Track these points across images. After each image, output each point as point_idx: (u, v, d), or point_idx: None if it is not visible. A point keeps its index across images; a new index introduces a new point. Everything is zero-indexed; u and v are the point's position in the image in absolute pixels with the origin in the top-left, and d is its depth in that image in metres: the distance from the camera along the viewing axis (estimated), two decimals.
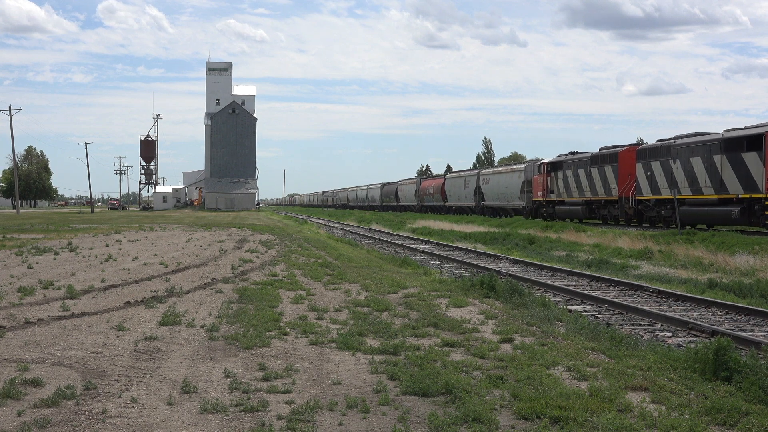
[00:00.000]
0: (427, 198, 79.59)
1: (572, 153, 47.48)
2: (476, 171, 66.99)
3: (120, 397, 7.50)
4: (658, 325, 13.14)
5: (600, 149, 44.17)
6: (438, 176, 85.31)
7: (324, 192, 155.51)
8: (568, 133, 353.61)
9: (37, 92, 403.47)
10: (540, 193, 50.47)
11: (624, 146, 41.69)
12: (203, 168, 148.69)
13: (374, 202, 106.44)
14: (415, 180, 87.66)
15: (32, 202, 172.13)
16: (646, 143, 38.55)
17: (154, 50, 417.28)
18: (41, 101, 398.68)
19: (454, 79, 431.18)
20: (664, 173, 35.55)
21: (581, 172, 44.58)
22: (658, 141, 37.10)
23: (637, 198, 38.27)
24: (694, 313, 14.43)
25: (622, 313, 14.37)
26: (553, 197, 48.53)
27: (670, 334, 12.42)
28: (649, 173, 36.66)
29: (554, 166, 48.49)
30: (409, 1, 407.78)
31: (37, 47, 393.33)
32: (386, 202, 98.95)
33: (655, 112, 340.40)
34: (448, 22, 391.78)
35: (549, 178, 48.91)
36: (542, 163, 50.74)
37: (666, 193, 35.05)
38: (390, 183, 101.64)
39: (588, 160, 43.86)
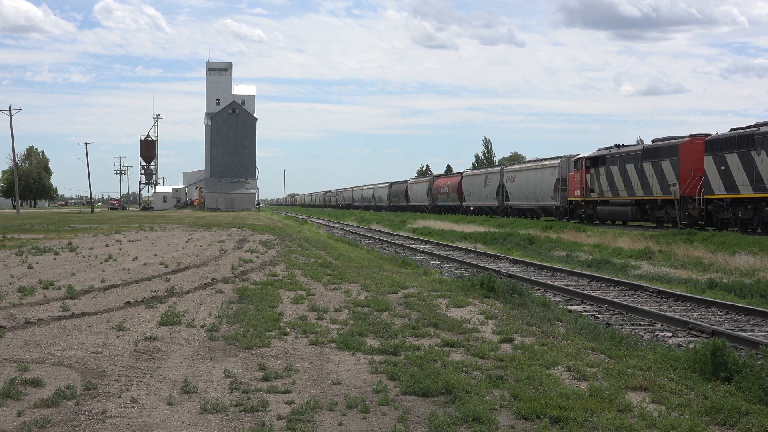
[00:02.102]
0: (441, 198, 73.85)
1: (617, 146, 41.92)
2: (499, 167, 60.90)
3: (120, 397, 7.50)
4: (658, 325, 13.14)
5: (653, 141, 38.44)
6: (454, 174, 79.08)
7: (327, 192, 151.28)
8: (568, 133, 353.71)
9: (35, 92, 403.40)
10: (577, 192, 44.64)
11: (686, 137, 35.65)
12: (203, 168, 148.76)
13: (381, 202, 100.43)
14: (428, 178, 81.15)
15: (32, 202, 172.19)
16: (716, 132, 33.12)
17: (152, 50, 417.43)
18: (40, 101, 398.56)
19: (452, 79, 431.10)
20: (743, 167, 30.04)
21: (630, 167, 38.76)
22: (732, 130, 31.99)
23: (706, 197, 32.65)
24: (694, 313, 14.43)
25: (622, 313, 14.37)
26: (593, 196, 42.79)
27: (670, 334, 12.43)
28: (723, 167, 31.23)
29: (595, 162, 42.64)
30: (406, 1, 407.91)
31: (35, 47, 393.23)
32: (395, 202, 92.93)
33: (654, 112, 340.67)
34: (446, 22, 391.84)
35: (589, 175, 43.13)
36: (580, 157, 44.71)
37: (746, 191, 29.92)
38: (399, 182, 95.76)
39: (639, 153, 38.30)
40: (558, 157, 49.61)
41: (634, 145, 40.45)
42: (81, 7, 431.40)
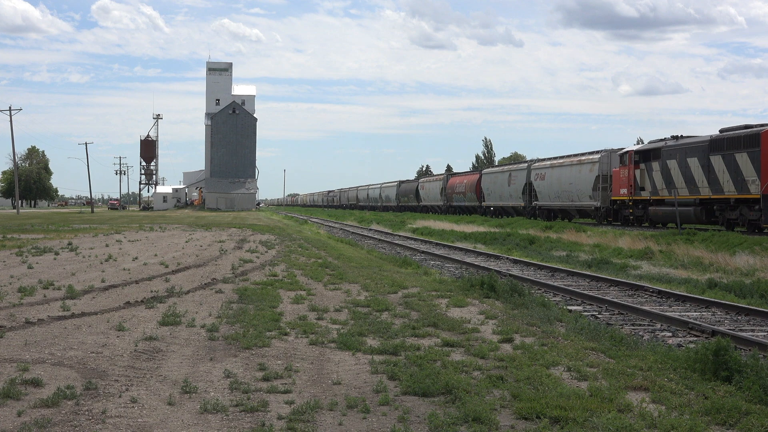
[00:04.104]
0: (456, 197, 68.69)
1: (675, 137, 36.26)
2: (526, 163, 55.45)
3: (120, 397, 7.50)
4: (659, 325, 13.14)
5: (722, 131, 33.05)
6: (472, 171, 75.04)
7: (330, 191, 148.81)
8: (566, 133, 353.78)
9: (34, 92, 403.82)
10: (624, 191, 39.29)
11: (766, 125, 30.42)
12: (203, 168, 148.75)
13: (389, 202, 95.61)
14: (441, 177, 75.73)
15: (32, 202, 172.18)
16: None
17: (150, 50, 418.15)
18: (39, 101, 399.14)
19: (451, 79, 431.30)
20: None
21: (693, 161, 33.53)
22: None
23: None
24: (695, 313, 14.43)
25: (623, 313, 14.37)
26: (644, 195, 37.48)
27: (670, 334, 12.43)
28: None
29: (646, 155, 37.48)
30: (404, 1, 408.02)
31: (34, 47, 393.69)
32: (404, 202, 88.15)
33: (653, 111, 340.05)
34: (444, 22, 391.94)
35: (638, 171, 37.94)
36: (627, 151, 39.53)
37: None
38: (408, 180, 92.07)
39: (705, 145, 32.84)
40: (598, 152, 44.57)
41: (697, 136, 34.92)
42: (78, 7, 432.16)
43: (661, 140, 37.23)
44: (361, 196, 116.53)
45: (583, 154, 46.76)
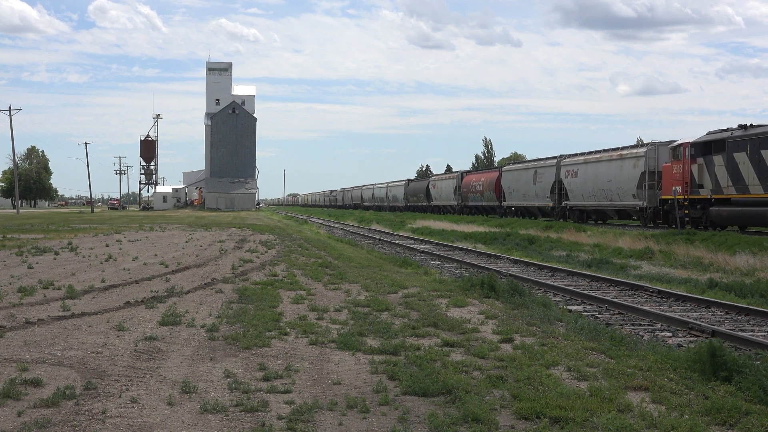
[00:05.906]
0: (473, 197, 63.63)
1: (743, 126, 30.72)
2: (555, 159, 49.54)
3: (120, 397, 7.50)
4: (659, 325, 13.14)
5: None
6: (491, 169, 71.29)
7: (332, 191, 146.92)
8: (565, 133, 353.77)
9: (33, 92, 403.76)
10: (678, 189, 33.18)
11: None
12: (203, 168, 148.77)
13: (397, 202, 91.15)
14: (455, 174, 70.55)
15: (32, 202, 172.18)
16: None
17: (148, 50, 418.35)
18: (38, 101, 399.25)
19: (449, 79, 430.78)
20: None
21: None
22: None
23: None
24: (695, 313, 14.43)
25: (623, 313, 14.37)
26: (703, 193, 32.02)
27: (670, 334, 12.43)
28: None
29: (707, 148, 32.11)
30: (401, 1, 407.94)
31: (32, 47, 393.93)
32: (413, 202, 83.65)
33: (651, 111, 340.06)
34: (442, 21, 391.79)
35: (695, 166, 32.54)
36: (681, 143, 34.03)
37: None
38: (418, 179, 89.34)
39: None
40: (644, 145, 39.97)
41: None
42: (76, 7, 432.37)
43: (725, 130, 31.99)
44: (366, 196, 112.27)
45: (624, 148, 42.26)
